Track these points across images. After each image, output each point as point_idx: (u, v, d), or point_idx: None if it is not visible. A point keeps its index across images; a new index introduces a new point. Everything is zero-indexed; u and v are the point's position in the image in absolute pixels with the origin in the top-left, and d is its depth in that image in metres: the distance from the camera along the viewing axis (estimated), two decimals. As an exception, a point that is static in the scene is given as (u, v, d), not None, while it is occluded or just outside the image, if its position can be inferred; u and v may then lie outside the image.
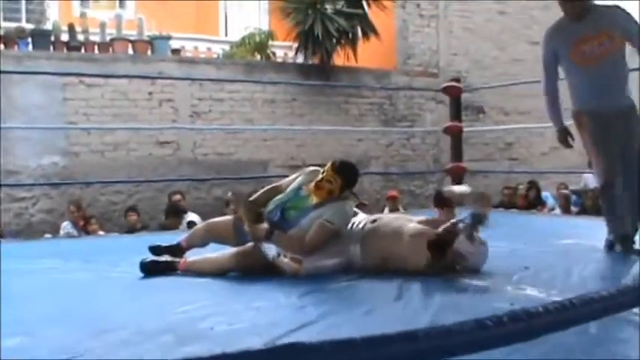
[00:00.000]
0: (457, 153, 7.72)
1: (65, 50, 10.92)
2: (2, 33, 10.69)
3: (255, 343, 2.46)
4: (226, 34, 15.33)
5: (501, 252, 4.37)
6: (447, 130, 7.78)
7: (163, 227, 9.28)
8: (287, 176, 10.04)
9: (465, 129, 8.00)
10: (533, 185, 11.51)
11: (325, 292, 3.38)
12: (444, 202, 4.43)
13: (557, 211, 10.75)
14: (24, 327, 2.83)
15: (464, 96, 8.16)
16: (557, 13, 4.80)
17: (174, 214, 9.37)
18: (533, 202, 11.25)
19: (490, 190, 11.21)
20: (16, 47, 10.61)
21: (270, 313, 2.99)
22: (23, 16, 13.79)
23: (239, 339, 2.56)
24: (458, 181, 7.63)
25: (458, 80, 8.15)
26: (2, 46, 10.55)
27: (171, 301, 3.27)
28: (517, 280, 3.40)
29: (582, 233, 5.35)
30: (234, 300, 3.24)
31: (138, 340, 2.59)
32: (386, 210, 11.06)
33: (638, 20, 4.47)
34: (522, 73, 13.91)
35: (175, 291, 3.52)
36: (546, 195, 11.60)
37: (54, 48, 10.89)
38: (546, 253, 4.37)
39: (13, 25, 11.19)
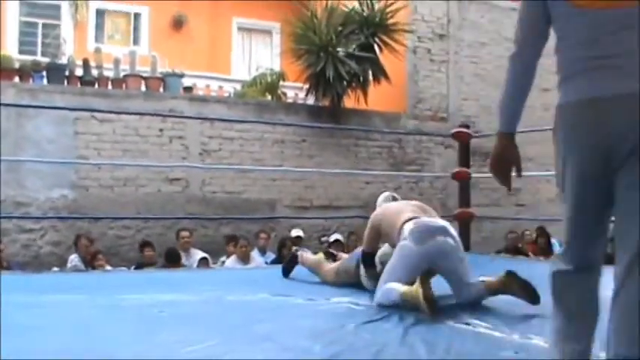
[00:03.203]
0: (465, 198, 7.73)
1: (79, 85, 11.03)
2: (18, 66, 10.80)
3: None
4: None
5: (508, 299, 4.38)
6: (455, 176, 7.79)
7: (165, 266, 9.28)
8: (294, 217, 10.11)
9: (473, 175, 8.01)
10: (542, 231, 11.48)
11: (335, 331, 3.39)
12: None
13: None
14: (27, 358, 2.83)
15: (473, 141, 8.18)
16: None
17: (172, 261, 9.32)
18: (543, 248, 11.21)
19: (496, 236, 11.26)
20: (31, 80, 10.72)
21: (283, 353, 3.00)
22: (39, 49, 13.95)
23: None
24: (465, 227, 7.63)
25: (467, 126, 8.19)
26: (18, 78, 10.66)
27: (179, 339, 3.27)
28: (523, 329, 3.40)
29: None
30: (245, 339, 3.24)
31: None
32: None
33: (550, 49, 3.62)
34: (530, 120, 13.91)
35: (183, 330, 3.52)
36: (554, 242, 11.57)
37: (68, 82, 11.00)
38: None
39: (29, 58, 11.30)
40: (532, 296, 3.98)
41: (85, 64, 11.26)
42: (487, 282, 4.20)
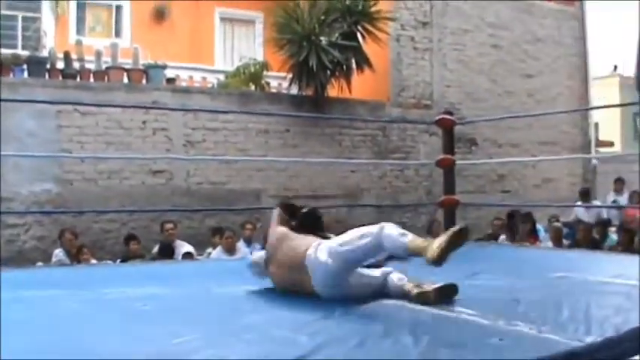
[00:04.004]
0: (450, 185, 7.72)
1: (60, 78, 10.98)
2: (-3, 60, 10.74)
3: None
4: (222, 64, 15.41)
5: (493, 285, 4.38)
6: (439, 163, 7.77)
7: (154, 259, 9.26)
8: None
9: (457, 161, 8.01)
10: (528, 217, 11.50)
11: (320, 322, 3.37)
12: None
13: (549, 243, 10.76)
14: (9, 357, 2.80)
15: (457, 128, 8.17)
16: (547, 46, 4.76)
17: (168, 254, 9.31)
18: (528, 234, 11.23)
19: (482, 223, 11.28)
20: (11, 74, 10.65)
21: (265, 345, 2.98)
22: (19, 42, 13.85)
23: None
24: (450, 214, 7.63)
25: (451, 113, 8.16)
26: (-3, 72, 10.59)
27: (161, 332, 3.25)
28: (508, 315, 3.39)
29: (574, 266, 5.36)
30: (227, 333, 3.22)
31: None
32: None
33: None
34: (514, 106, 14.07)
35: (167, 323, 3.50)
36: (538, 227, 11.61)
37: (49, 75, 10.94)
38: (538, 287, 4.36)
39: (9, 51, 11.22)
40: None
41: (67, 56, 11.19)
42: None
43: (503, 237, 10.91)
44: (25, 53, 11.43)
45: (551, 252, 8.35)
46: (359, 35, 12.59)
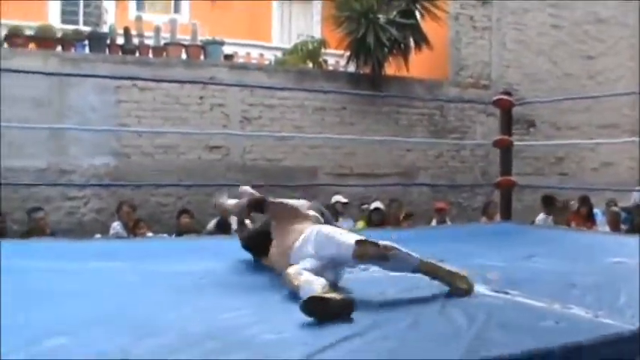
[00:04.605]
0: (506, 167, 7.64)
1: (120, 53, 11.08)
2: (60, 35, 10.87)
3: (301, 354, 2.47)
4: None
5: (548, 269, 4.34)
6: (496, 144, 7.70)
7: (211, 233, 9.32)
8: (334, 185, 10.03)
9: (515, 143, 7.92)
10: (585, 201, 11.33)
11: (372, 302, 3.37)
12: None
13: (606, 228, 10.60)
14: (67, 327, 2.83)
15: (515, 109, 8.07)
16: (610, 27, 4.62)
17: (224, 229, 9.33)
18: (585, 218, 11.08)
19: (538, 205, 11.15)
20: (73, 49, 10.78)
21: (319, 322, 2.99)
22: (81, 19, 14.01)
23: (285, 349, 2.57)
24: (507, 195, 7.56)
25: (509, 93, 8.07)
26: (60, 48, 10.72)
27: (217, 306, 3.27)
28: (564, 298, 3.35)
29: (632, 252, 5.28)
30: (280, 308, 3.23)
31: (182, 345, 2.57)
32: (433, 222, 11.02)
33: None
34: (574, 88, 13.84)
35: (222, 296, 3.53)
36: (596, 212, 11.43)
37: (109, 51, 11.05)
38: (594, 271, 4.30)
39: (71, 27, 11.36)
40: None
41: (127, 32, 11.29)
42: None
43: (541, 217, 10.75)
44: (87, 29, 11.55)
45: (608, 237, 8.22)
46: (417, 13, 12.50)
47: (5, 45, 10.51)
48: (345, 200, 10.67)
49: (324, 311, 2.94)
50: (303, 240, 3.68)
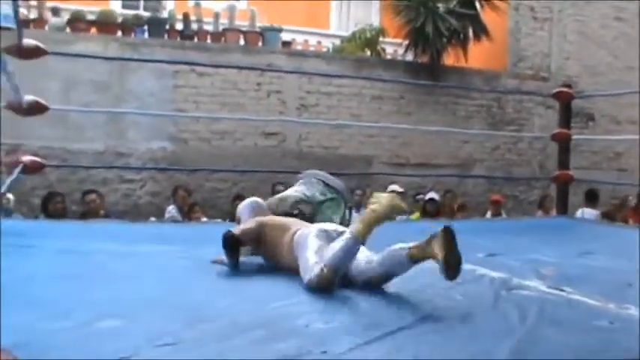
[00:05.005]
0: (564, 160, 7.53)
1: (179, 38, 11.16)
2: (121, 20, 10.99)
3: (350, 343, 2.47)
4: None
5: (605, 266, 4.27)
6: (555, 137, 7.58)
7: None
8: (390, 174, 9.98)
9: (573, 136, 7.80)
10: (642, 199, 11.15)
11: (422, 295, 3.35)
12: None
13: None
14: (120, 309, 2.87)
15: (574, 102, 7.95)
16: None
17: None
18: (642, 214, 10.89)
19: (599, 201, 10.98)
20: (132, 34, 10.90)
21: (369, 313, 2.98)
22: (141, 4, 14.15)
23: (334, 339, 2.56)
24: (564, 190, 7.46)
25: (569, 86, 7.94)
26: (120, 32, 10.85)
27: (267, 294, 3.28)
28: (619, 298, 3.29)
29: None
30: (331, 297, 3.23)
31: (232, 332, 2.59)
32: (488, 214, 10.94)
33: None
34: (636, 82, 13.55)
35: (272, 285, 3.53)
36: (654, 210, 11.23)
37: (168, 36, 11.14)
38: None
39: (131, 12, 11.47)
40: (450, 269, 3.16)
41: (185, 18, 11.37)
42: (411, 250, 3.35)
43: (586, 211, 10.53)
44: (146, 14, 11.63)
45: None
46: (477, 3, 12.38)
47: (68, 29, 10.66)
48: (400, 189, 10.61)
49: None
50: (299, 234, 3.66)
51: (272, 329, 2.66)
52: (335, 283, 3.28)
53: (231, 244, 3.82)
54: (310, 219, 4.18)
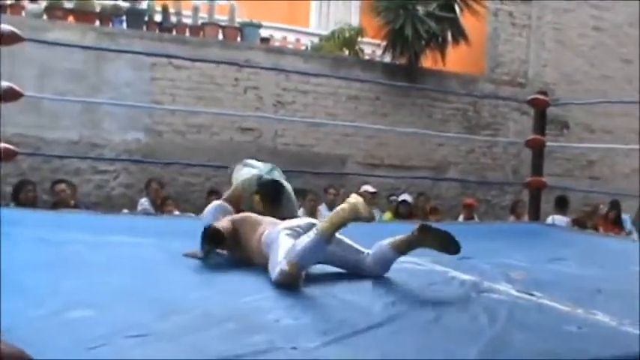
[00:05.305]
0: (538, 167, 7.58)
1: (157, 31, 11.10)
2: (99, 10, 10.91)
3: (319, 341, 2.47)
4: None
5: (574, 273, 4.31)
6: (529, 143, 7.63)
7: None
8: (364, 174, 9.98)
9: (547, 143, 7.85)
10: (614, 205, 11.25)
11: (393, 294, 3.36)
12: None
13: (635, 236, 10.49)
14: (92, 299, 2.88)
15: (549, 109, 8.00)
16: None
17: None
18: (613, 222, 11.00)
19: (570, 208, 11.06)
20: (110, 24, 10.83)
21: (339, 312, 2.99)
22: (120, -6, 14.06)
23: (303, 335, 2.57)
24: (536, 195, 7.51)
25: (545, 93, 7.99)
26: (98, 22, 10.77)
27: (239, 288, 3.29)
28: (588, 304, 3.32)
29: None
30: (302, 294, 3.24)
31: (203, 325, 2.61)
32: (461, 217, 10.99)
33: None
34: (611, 91, 13.70)
35: (244, 279, 3.54)
36: (625, 218, 11.34)
37: (147, 28, 11.07)
38: (621, 279, 4.25)
39: (110, 2, 11.40)
40: (448, 246, 3.63)
41: (165, 10, 11.30)
42: (393, 242, 3.70)
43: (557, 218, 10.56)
44: (125, 5, 11.53)
45: (636, 244, 8.14)
46: (456, 7, 12.42)
47: (45, 17, 10.57)
48: (373, 190, 10.62)
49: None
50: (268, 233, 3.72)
51: (243, 323, 2.67)
52: (300, 279, 3.33)
53: (215, 238, 3.87)
54: (274, 191, 4.63)
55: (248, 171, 4.89)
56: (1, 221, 4.18)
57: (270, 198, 4.59)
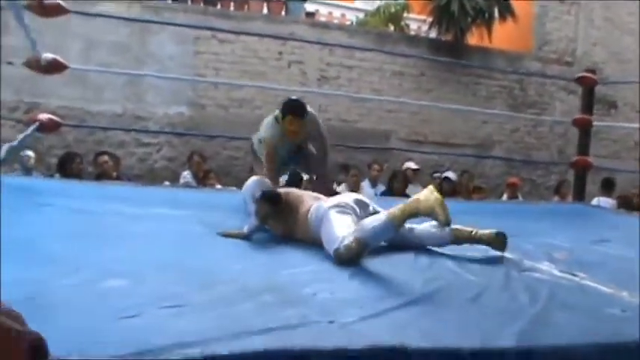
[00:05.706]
0: (584, 147, 7.47)
1: (202, 4, 11.10)
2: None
3: (356, 316, 2.45)
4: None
5: (619, 255, 4.23)
6: (576, 122, 7.52)
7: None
8: (407, 150, 9.91)
9: (595, 123, 7.72)
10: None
11: (433, 271, 3.33)
12: None
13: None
14: (128, 269, 2.88)
15: (597, 89, 7.87)
16: None
17: (295, 183, 9.30)
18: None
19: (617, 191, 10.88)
20: (155, -2, 10.85)
21: (378, 286, 2.96)
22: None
23: (339, 309, 2.54)
24: (581, 176, 7.40)
25: (593, 72, 7.85)
26: (142, -5, 10.80)
27: (278, 262, 3.29)
28: (633, 287, 3.23)
29: None
30: (340, 268, 3.22)
31: (239, 297, 2.59)
32: (504, 196, 10.88)
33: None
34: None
35: (284, 253, 3.53)
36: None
37: (191, 1, 11.08)
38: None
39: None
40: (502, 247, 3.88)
41: (210, -16, 11.31)
42: (459, 233, 3.84)
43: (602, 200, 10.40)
44: (171, -23, 11.59)
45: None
46: (504, -17, 12.26)
47: (91, -11, 10.62)
48: (416, 167, 10.54)
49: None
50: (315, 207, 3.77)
51: (280, 296, 2.65)
52: (362, 257, 3.35)
53: (274, 201, 3.96)
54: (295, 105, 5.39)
55: (264, 124, 5.55)
56: (44, 192, 4.21)
57: (293, 112, 5.45)
